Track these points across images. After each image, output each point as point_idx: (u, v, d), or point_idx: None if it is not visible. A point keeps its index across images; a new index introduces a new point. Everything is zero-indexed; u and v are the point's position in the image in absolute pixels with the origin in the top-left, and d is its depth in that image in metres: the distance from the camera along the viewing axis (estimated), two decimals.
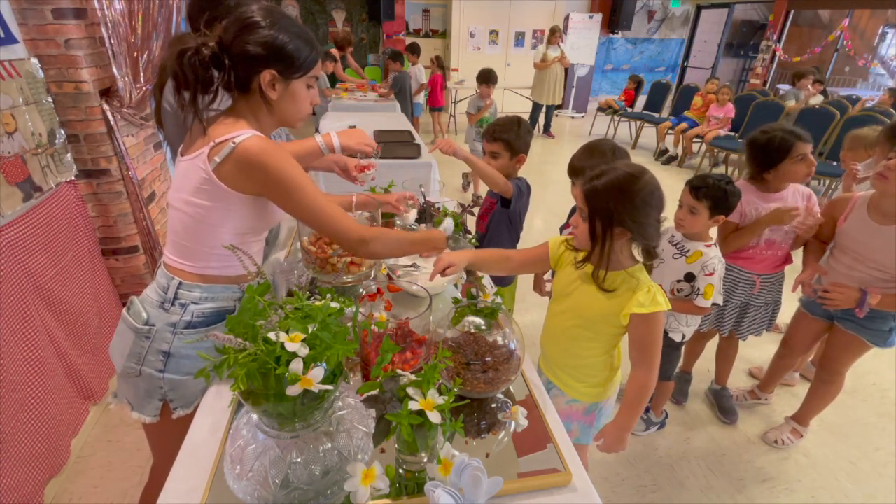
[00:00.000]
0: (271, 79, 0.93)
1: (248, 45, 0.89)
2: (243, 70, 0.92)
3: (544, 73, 6.50)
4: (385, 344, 0.78)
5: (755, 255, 1.78)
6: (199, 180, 0.93)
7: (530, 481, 0.82)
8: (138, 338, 0.99)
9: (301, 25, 0.97)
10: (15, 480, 1.42)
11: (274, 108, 0.98)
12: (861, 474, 1.84)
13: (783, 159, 1.63)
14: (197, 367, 0.99)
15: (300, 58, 0.94)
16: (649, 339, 1.07)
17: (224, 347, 0.64)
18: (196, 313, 1.01)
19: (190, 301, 1.01)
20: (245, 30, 0.90)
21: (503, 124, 1.67)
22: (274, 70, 0.92)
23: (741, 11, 9.70)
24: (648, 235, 1.05)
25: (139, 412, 1.05)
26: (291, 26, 0.94)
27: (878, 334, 1.63)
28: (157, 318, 1.00)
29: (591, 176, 1.05)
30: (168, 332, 1.00)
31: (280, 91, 0.96)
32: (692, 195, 1.54)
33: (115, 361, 1.05)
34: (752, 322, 1.90)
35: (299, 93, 0.99)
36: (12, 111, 1.56)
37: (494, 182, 1.63)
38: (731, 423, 2.04)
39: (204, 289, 1.02)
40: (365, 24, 8.17)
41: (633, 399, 1.12)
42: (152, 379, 1.01)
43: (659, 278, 1.65)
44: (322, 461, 0.73)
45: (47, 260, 1.68)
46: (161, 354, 1.00)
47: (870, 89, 9.12)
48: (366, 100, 5.07)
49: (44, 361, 1.60)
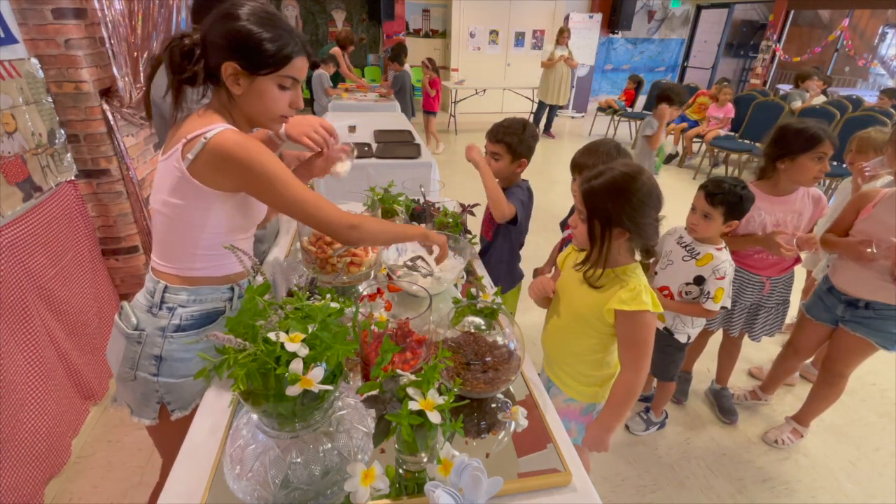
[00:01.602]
0: (233, 72, 0.89)
1: (215, 34, 0.88)
2: (210, 60, 0.90)
3: (551, 73, 6.51)
4: (385, 344, 0.78)
5: (762, 259, 1.77)
6: (174, 180, 0.90)
7: (530, 481, 0.82)
8: (130, 343, 0.98)
9: (285, 22, 0.92)
10: (15, 480, 1.42)
11: (239, 104, 0.94)
12: (861, 474, 1.84)
13: (806, 151, 1.59)
14: (191, 369, 0.99)
15: (266, 52, 0.89)
16: (632, 338, 1.07)
17: (224, 347, 0.64)
18: (184, 316, 0.99)
19: (177, 304, 0.99)
20: (219, 20, 0.88)
21: (508, 126, 1.60)
22: (235, 62, 0.88)
23: (741, 11, 9.70)
24: (647, 235, 1.05)
25: (138, 415, 1.05)
26: (269, 21, 0.89)
27: (887, 336, 1.62)
28: (146, 323, 0.98)
29: (589, 177, 1.05)
30: (158, 337, 0.98)
31: (244, 86, 0.91)
32: (707, 201, 1.52)
33: (112, 366, 1.04)
34: (765, 323, 1.89)
35: (267, 92, 0.93)
36: (12, 111, 1.56)
37: (496, 205, 1.58)
38: (731, 423, 2.04)
39: (191, 291, 1.00)
40: (365, 24, 8.17)
41: (616, 399, 1.12)
42: (148, 383, 1.00)
43: (667, 280, 1.65)
44: (322, 461, 0.73)
45: (47, 260, 1.68)
46: (153, 359, 0.99)
47: (870, 89, 9.12)
48: (366, 100, 5.07)
49: (44, 361, 1.60)
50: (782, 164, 1.65)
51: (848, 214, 1.66)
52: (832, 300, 1.73)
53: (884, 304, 1.59)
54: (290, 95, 0.96)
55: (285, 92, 0.95)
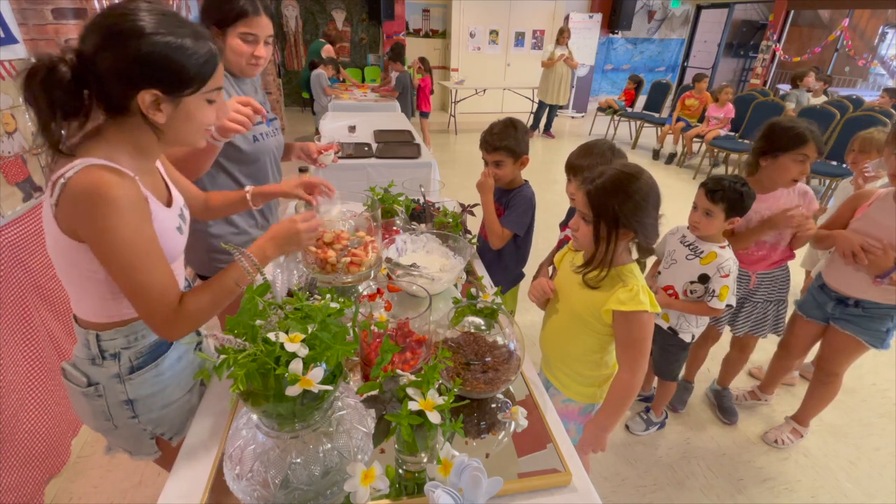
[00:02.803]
0: (154, 100, 0.73)
1: (116, 59, 0.69)
2: (112, 90, 0.72)
3: (550, 73, 6.51)
4: (385, 344, 0.78)
5: (746, 255, 1.77)
6: (49, 226, 0.77)
7: (530, 481, 0.82)
8: (91, 399, 0.90)
9: (189, 23, 0.76)
10: (15, 480, 1.42)
11: (164, 132, 0.78)
12: (861, 474, 1.84)
13: (788, 150, 1.58)
14: (168, 397, 0.95)
15: (190, 69, 0.74)
16: (630, 338, 1.07)
17: (224, 347, 0.64)
18: (132, 356, 0.89)
19: (120, 348, 0.88)
20: (117, 39, 0.69)
21: (499, 132, 1.59)
22: (155, 90, 0.72)
23: (741, 11, 9.70)
24: (650, 234, 1.06)
25: (139, 455, 1.00)
26: (179, 26, 0.73)
27: (876, 335, 1.63)
28: (97, 375, 0.88)
29: (592, 178, 1.05)
30: (116, 384, 0.89)
31: (168, 112, 0.75)
32: (708, 198, 1.52)
33: (86, 422, 0.96)
34: (749, 318, 1.87)
35: (196, 111, 0.79)
36: (12, 111, 1.56)
37: (493, 236, 1.63)
38: (731, 423, 2.04)
39: (125, 331, 0.88)
40: (365, 24, 8.17)
41: (613, 399, 1.12)
42: (131, 426, 0.93)
43: (671, 279, 1.65)
44: (322, 461, 0.73)
45: (47, 259, 1.68)
46: (125, 404, 0.91)
47: (870, 89, 9.12)
48: (366, 99, 5.07)
49: (44, 361, 1.60)
50: (765, 161, 1.65)
51: (844, 213, 1.66)
52: (823, 297, 1.73)
53: (872, 303, 1.59)
54: (217, 106, 0.83)
55: (212, 104, 0.82)
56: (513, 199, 1.67)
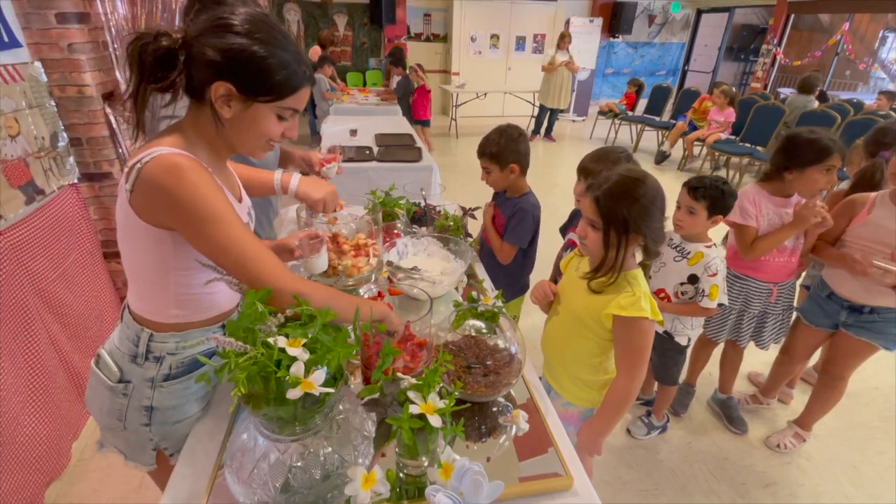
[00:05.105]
0: (225, 93, 0.76)
1: (207, 47, 0.73)
2: (196, 73, 0.76)
3: (552, 77, 6.52)
4: (386, 347, 0.78)
5: (768, 263, 1.75)
6: (123, 214, 0.78)
7: (531, 485, 0.82)
8: (114, 395, 0.89)
9: (293, 42, 0.80)
10: (15, 483, 1.42)
11: (225, 128, 0.81)
12: (864, 478, 1.83)
13: (815, 163, 1.58)
14: (185, 412, 0.94)
15: (270, 79, 0.77)
16: (629, 344, 1.07)
17: (225, 351, 0.64)
18: (174, 364, 0.89)
19: (166, 353, 0.88)
20: (214, 29, 0.74)
21: (487, 139, 1.63)
22: (230, 84, 0.75)
23: (741, 15, 9.72)
24: (657, 238, 1.06)
25: (133, 461, 0.98)
26: (276, 41, 0.76)
27: (890, 338, 1.63)
28: (131, 374, 0.89)
29: (598, 184, 1.05)
30: (147, 388, 0.89)
31: (237, 110, 0.78)
32: (690, 196, 1.54)
33: (95, 416, 0.95)
34: (773, 330, 1.89)
35: (263, 119, 0.80)
36: (15, 115, 1.57)
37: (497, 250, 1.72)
38: (741, 433, 2.01)
39: (180, 337, 0.89)
40: (366, 28, 8.20)
41: (610, 404, 1.12)
42: (139, 432, 0.93)
43: (662, 282, 1.65)
44: (322, 465, 0.72)
45: (49, 263, 1.68)
46: (144, 410, 0.90)
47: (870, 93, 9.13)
48: (367, 103, 5.08)
49: (45, 364, 1.60)
50: (790, 174, 1.64)
51: (838, 221, 1.66)
52: (833, 307, 1.72)
53: (888, 308, 1.59)
54: (286, 125, 0.85)
55: (283, 122, 0.84)
56: (512, 211, 1.68)
